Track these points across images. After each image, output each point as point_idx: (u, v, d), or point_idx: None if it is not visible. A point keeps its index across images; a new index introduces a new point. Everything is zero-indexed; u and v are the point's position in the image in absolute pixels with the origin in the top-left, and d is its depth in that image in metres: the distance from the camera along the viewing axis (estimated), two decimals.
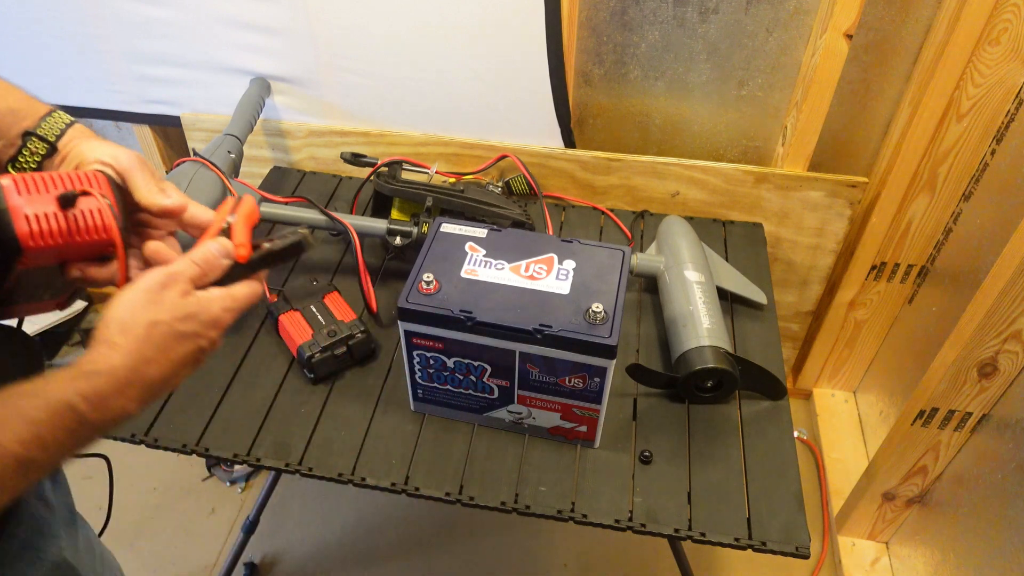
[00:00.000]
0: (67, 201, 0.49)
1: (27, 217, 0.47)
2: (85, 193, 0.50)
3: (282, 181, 1.26)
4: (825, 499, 1.38)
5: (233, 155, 1.02)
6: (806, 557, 0.75)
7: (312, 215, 1.01)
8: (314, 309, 0.94)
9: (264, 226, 1.11)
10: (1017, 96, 1.00)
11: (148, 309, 0.49)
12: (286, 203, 1.02)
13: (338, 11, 1.10)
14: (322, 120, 1.24)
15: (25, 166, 0.55)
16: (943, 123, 1.07)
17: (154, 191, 0.54)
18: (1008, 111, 1.02)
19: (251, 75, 1.20)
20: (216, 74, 1.21)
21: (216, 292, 0.52)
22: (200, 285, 0.52)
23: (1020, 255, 0.83)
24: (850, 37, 0.99)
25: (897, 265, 1.27)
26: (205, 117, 1.27)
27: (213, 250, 0.53)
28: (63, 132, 0.56)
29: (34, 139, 0.55)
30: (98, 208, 0.50)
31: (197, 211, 0.56)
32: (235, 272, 0.54)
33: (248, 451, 0.83)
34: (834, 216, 1.17)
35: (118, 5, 1.16)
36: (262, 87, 1.19)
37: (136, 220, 0.56)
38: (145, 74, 1.25)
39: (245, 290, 0.54)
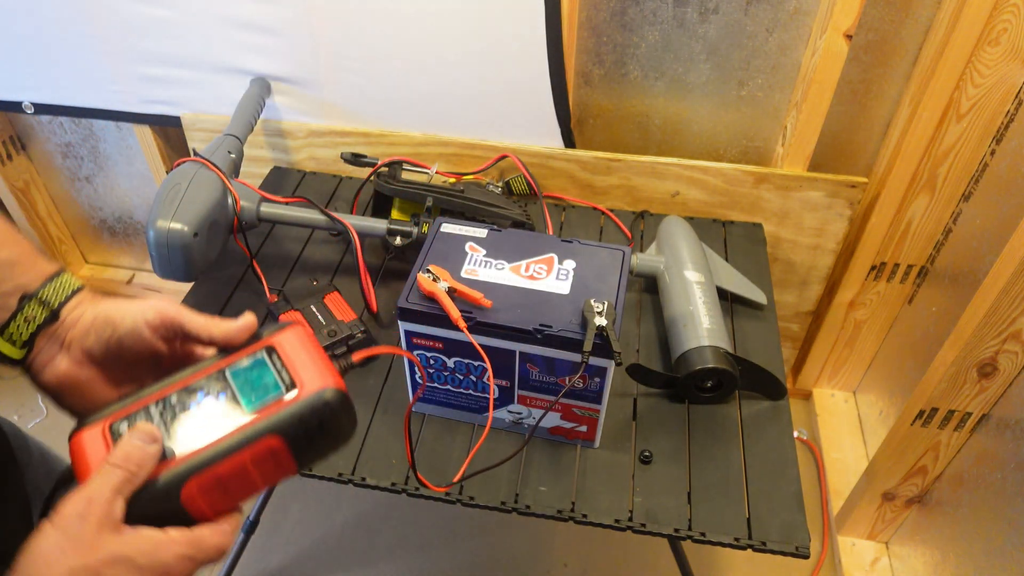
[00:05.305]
0: None
1: None
2: None
3: (282, 181, 1.26)
4: (825, 499, 1.38)
5: (233, 155, 1.02)
6: (806, 557, 0.75)
7: (312, 215, 1.01)
8: (314, 309, 0.94)
9: (264, 226, 1.11)
10: (1017, 96, 1.00)
11: (65, 555, 0.37)
12: (286, 203, 1.02)
13: (338, 11, 1.10)
14: (322, 120, 1.24)
15: (16, 335, 0.49)
16: (943, 123, 1.07)
17: (214, 321, 0.49)
18: (1008, 111, 1.02)
19: (251, 75, 1.20)
20: (216, 74, 1.21)
21: (175, 534, 0.41)
22: (134, 489, 0.41)
23: (1020, 255, 0.83)
24: (850, 37, 0.99)
25: (897, 265, 1.27)
26: (205, 117, 1.27)
27: (134, 441, 0.42)
28: (68, 298, 0.51)
29: (33, 303, 0.49)
30: None
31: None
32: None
33: None
34: (834, 216, 1.17)
35: (118, 5, 1.16)
36: (262, 87, 1.19)
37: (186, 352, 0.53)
38: (145, 74, 1.25)
39: (215, 540, 0.42)
